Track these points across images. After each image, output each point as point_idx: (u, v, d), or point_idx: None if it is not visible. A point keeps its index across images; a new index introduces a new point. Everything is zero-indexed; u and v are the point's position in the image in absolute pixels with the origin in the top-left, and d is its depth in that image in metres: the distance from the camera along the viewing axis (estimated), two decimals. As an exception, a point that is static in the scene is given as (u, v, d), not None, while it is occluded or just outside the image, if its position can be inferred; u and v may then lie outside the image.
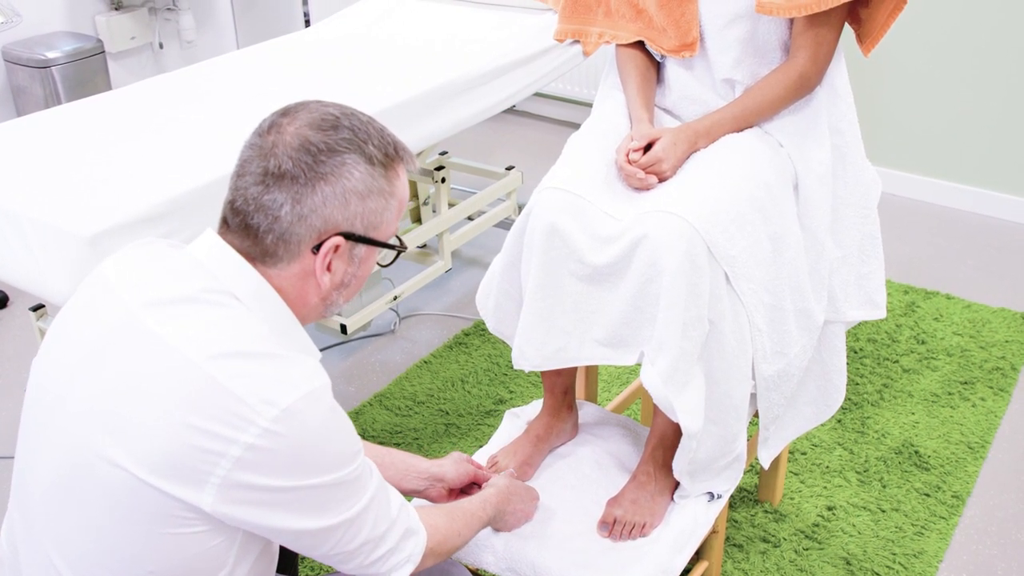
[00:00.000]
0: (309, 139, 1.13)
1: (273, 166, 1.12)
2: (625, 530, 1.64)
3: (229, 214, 1.16)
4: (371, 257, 1.21)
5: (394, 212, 1.20)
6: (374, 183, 1.15)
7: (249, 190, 1.13)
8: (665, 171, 1.68)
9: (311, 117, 1.15)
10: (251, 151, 1.15)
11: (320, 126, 1.14)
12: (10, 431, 2.59)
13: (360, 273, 1.21)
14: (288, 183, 1.12)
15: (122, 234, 1.90)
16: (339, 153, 1.13)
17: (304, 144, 1.12)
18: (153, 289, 1.12)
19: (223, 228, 1.17)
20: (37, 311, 2.30)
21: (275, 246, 1.14)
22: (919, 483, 2.32)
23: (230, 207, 1.16)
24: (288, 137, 1.13)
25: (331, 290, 1.19)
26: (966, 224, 3.62)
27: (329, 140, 1.13)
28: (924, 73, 3.61)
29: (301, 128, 1.14)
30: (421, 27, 3.04)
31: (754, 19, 1.74)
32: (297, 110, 1.17)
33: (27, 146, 2.24)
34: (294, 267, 1.15)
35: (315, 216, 1.12)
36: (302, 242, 1.13)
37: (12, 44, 3.70)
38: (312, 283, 1.17)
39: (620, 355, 1.64)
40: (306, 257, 1.15)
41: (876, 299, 1.90)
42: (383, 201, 1.17)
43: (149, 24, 4.23)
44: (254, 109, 2.42)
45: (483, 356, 2.83)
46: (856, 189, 1.84)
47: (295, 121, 1.15)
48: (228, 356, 1.05)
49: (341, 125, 1.15)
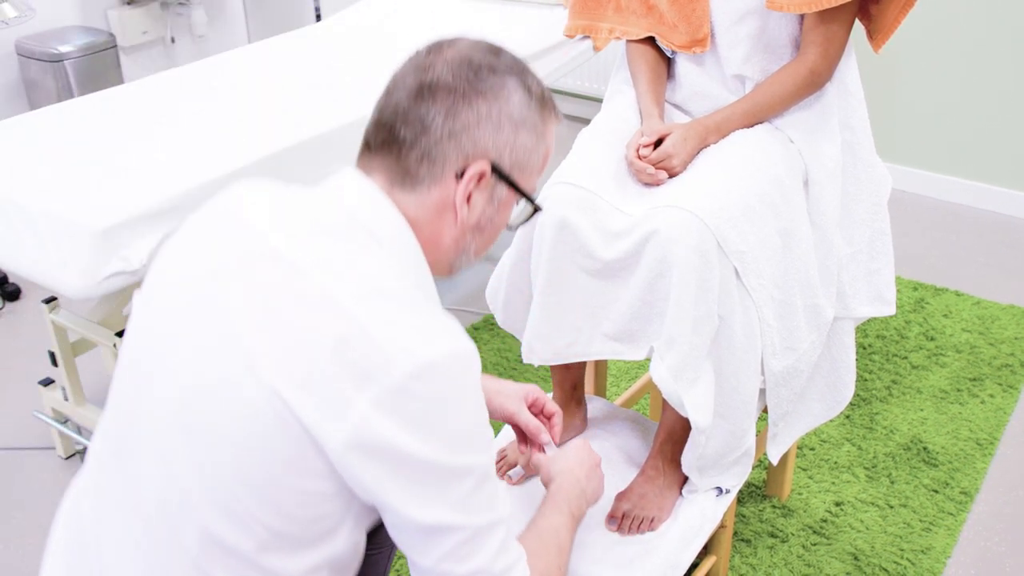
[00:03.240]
0: (472, 56, 1.09)
1: (431, 79, 1.08)
2: (633, 524, 1.65)
3: (372, 132, 1.11)
4: (510, 203, 1.15)
5: (540, 159, 1.15)
6: (529, 115, 1.11)
7: (400, 103, 1.08)
8: (675, 167, 1.68)
9: (472, 42, 1.12)
10: (405, 68, 1.11)
11: (484, 48, 1.11)
12: (22, 422, 2.61)
13: (497, 219, 1.15)
14: (444, 95, 1.07)
15: (134, 227, 1.91)
16: (501, 74, 1.09)
17: (466, 59, 1.09)
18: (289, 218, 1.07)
19: (364, 154, 1.13)
20: (49, 304, 2.32)
21: (418, 164, 1.08)
22: (927, 479, 2.32)
23: (374, 125, 1.11)
24: (449, 54, 1.09)
25: (466, 230, 1.13)
26: (976, 221, 3.61)
27: (492, 60, 1.10)
28: (935, 69, 3.60)
29: (464, 48, 1.10)
30: (431, 22, 3.05)
31: (765, 15, 1.74)
32: (456, 39, 1.13)
33: (40, 140, 2.25)
34: (434, 193, 1.09)
35: (465, 135, 1.07)
36: (447, 162, 1.08)
37: (25, 38, 3.72)
38: (449, 217, 1.11)
39: (629, 350, 1.64)
40: (448, 182, 1.09)
41: (886, 295, 1.90)
42: (534, 139, 1.13)
43: (161, 18, 4.24)
44: (265, 103, 2.43)
45: (492, 350, 2.83)
46: (866, 185, 1.84)
47: (456, 44, 1.11)
48: (371, 296, 0.99)
49: (503, 51, 1.12)
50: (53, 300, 2.33)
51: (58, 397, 2.44)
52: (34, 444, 2.54)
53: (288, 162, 2.18)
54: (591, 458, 1.41)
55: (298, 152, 2.20)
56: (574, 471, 1.37)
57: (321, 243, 1.04)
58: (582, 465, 1.38)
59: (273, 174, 2.15)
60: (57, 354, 2.35)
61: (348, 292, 0.99)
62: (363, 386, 0.96)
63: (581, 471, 1.37)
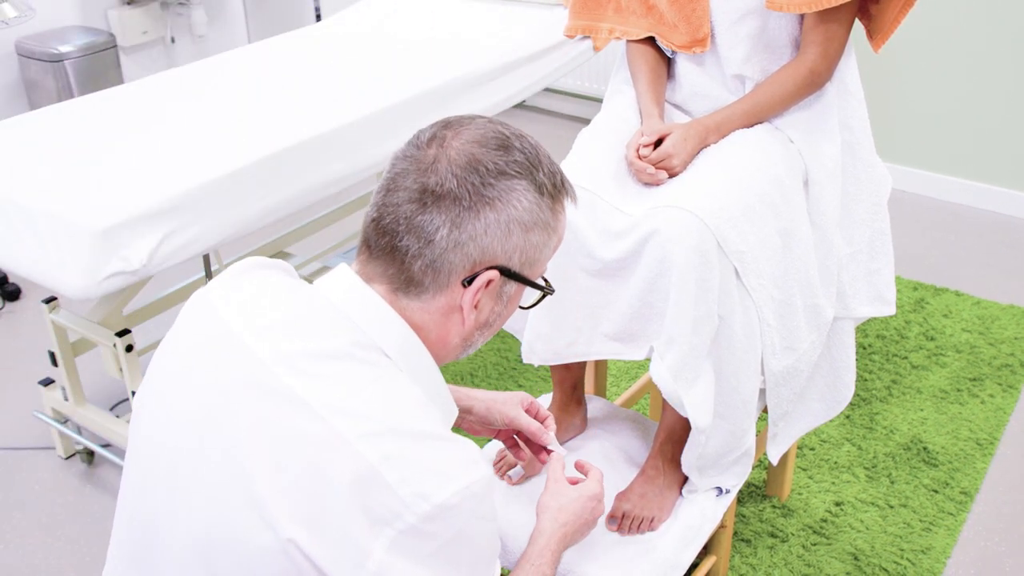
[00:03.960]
0: (478, 157, 1.02)
1: (434, 183, 1.01)
2: (633, 524, 1.65)
3: (373, 235, 1.04)
4: (519, 296, 1.11)
5: (552, 250, 1.10)
6: (540, 215, 1.05)
7: (401, 207, 1.02)
8: (675, 166, 1.68)
9: (479, 133, 1.04)
10: (406, 163, 1.04)
11: (490, 144, 1.03)
12: (21, 422, 2.61)
13: (506, 312, 1.11)
14: (449, 204, 1.00)
15: (134, 227, 1.91)
16: (509, 177, 1.02)
17: (472, 162, 1.01)
18: (289, 339, 1.00)
19: (363, 253, 1.06)
20: (49, 303, 2.32)
21: (423, 274, 1.02)
22: (927, 479, 2.32)
23: (375, 226, 1.04)
24: (453, 152, 1.02)
25: (474, 329, 1.08)
26: (976, 220, 3.61)
27: (500, 161, 1.02)
28: (935, 69, 3.60)
29: (468, 144, 1.03)
30: (431, 22, 3.04)
31: (765, 15, 1.74)
32: (462, 123, 1.05)
33: (40, 140, 2.24)
34: (439, 300, 1.04)
35: (473, 245, 1.01)
36: (453, 272, 1.02)
37: (25, 38, 3.72)
38: (456, 320, 1.06)
39: (629, 349, 1.64)
40: (454, 290, 1.04)
41: (886, 295, 1.90)
42: (545, 236, 1.06)
43: (161, 18, 4.24)
44: (266, 103, 2.43)
45: (492, 350, 2.83)
46: (866, 185, 1.84)
47: (461, 135, 1.04)
48: (382, 435, 0.94)
49: (512, 146, 1.04)
50: (53, 300, 2.33)
51: (58, 397, 2.44)
52: (34, 444, 2.54)
53: (288, 162, 2.18)
54: (591, 511, 1.33)
55: (298, 152, 2.20)
56: (559, 519, 1.29)
57: (328, 372, 0.98)
58: (578, 518, 1.31)
59: (273, 173, 2.15)
60: (57, 354, 2.35)
61: (359, 431, 0.94)
62: (379, 532, 0.92)
63: (571, 524, 1.30)
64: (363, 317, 1.02)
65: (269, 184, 2.15)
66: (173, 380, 1.05)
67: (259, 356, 0.99)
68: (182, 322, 1.08)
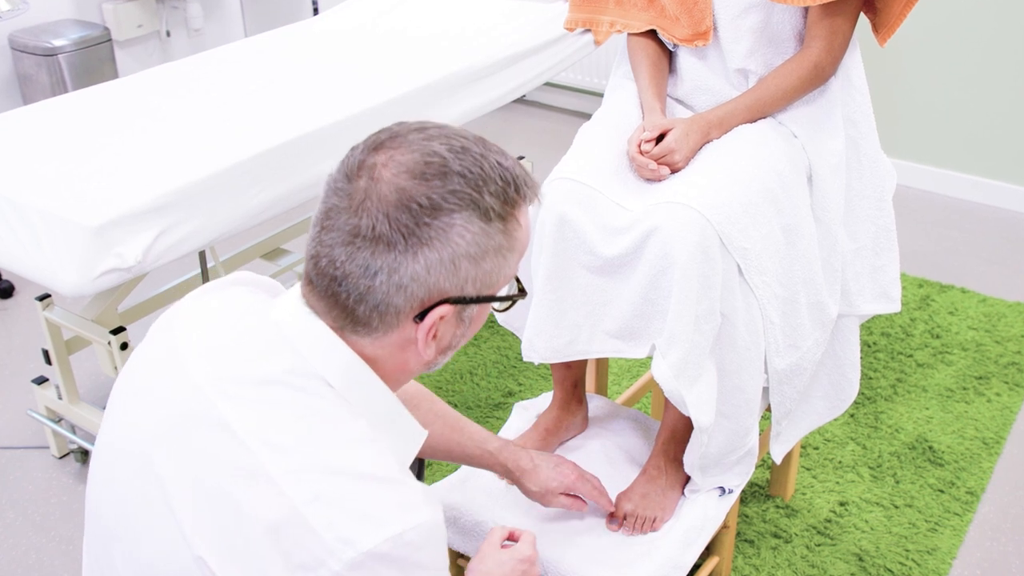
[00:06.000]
0: (410, 193, 0.93)
1: (365, 226, 0.94)
2: (635, 524, 1.63)
3: (313, 273, 0.98)
4: (484, 313, 1.05)
5: (514, 264, 1.03)
6: (490, 242, 0.97)
7: (335, 251, 0.95)
8: (677, 162, 1.66)
9: (411, 159, 0.95)
10: (336, 198, 0.96)
11: (423, 173, 0.94)
12: (15, 421, 2.59)
13: (470, 331, 1.05)
14: (383, 249, 0.94)
15: (129, 224, 1.90)
16: (447, 212, 0.94)
17: (403, 200, 0.93)
18: (225, 362, 0.97)
19: (307, 287, 1.00)
20: (43, 301, 2.30)
21: (368, 317, 0.97)
22: (933, 479, 2.30)
23: (313, 264, 0.98)
24: (384, 187, 0.94)
25: (436, 356, 1.03)
26: (982, 217, 3.59)
27: (434, 195, 0.94)
28: (941, 63, 3.58)
29: (399, 176, 0.94)
30: (430, 16, 3.03)
31: (768, 8, 1.72)
32: (393, 144, 0.97)
33: (33, 135, 2.23)
34: (391, 336, 0.99)
35: (416, 285, 0.95)
36: (400, 312, 0.97)
37: (19, 32, 3.70)
38: (413, 351, 1.00)
39: (631, 347, 1.63)
40: (406, 327, 0.98)
41: (890, 292, 1.89)
42: (500, 259, 0.99)
43: (156, 12, 4.22)
44: (262, 98, 2.41)
45: (492, 348, 2.81)
46: (871, 181, 1.82)
47: (391, 163, 0.95)
48: (310, 472, 0.89)
49: (450, 170, 0.95)
50: (47, 297, 2.31)
51: (52, 395, 2.42)
52: (28, 443, 2.52)
53: (285, 158, 2.16)
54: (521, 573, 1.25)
55: (295, 148, 2.19)
56: None
57: (257, 398, 0.94)
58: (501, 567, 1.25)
59: (269, 169, 2.13)
60: (51, 352, 2.33)
61: (285, 468, 0.89)
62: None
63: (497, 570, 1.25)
64: (304, 344, 0.98)
65: (265, 180, 2.14)
66: (132, 391, 1.04)
67: (195, 379, 0.97)
68: (152, 331, 1.08)
